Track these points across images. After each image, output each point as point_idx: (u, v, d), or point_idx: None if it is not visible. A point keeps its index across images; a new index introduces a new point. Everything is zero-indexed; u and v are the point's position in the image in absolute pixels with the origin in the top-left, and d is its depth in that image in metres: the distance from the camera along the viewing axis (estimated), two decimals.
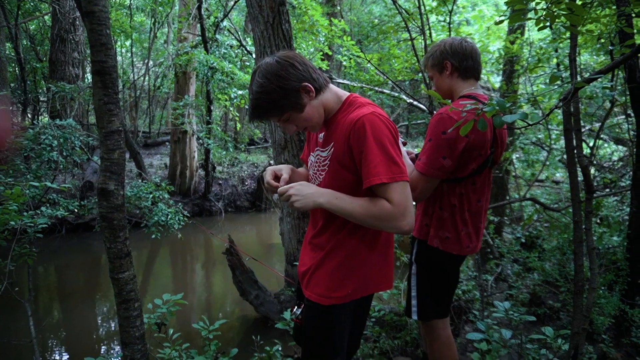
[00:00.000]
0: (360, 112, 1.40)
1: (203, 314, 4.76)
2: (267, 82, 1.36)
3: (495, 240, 4.61)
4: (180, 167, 9.45)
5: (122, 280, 1.58)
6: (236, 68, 7.60)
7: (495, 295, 3.85)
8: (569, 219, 4.09)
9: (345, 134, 1.40)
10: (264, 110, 1.40)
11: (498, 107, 1.48)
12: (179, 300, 2.66)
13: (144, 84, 13.22)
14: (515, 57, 5.19)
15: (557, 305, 3.51)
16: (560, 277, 3.77)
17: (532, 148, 5.80)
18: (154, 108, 14.45)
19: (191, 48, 8.20)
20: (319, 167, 1.53)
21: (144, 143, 12.06)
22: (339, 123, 1.46)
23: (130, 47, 12.78)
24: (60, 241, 7.49)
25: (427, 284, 2.00)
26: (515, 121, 1.68)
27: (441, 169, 1.78)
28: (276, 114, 1.41)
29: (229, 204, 10.09)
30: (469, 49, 1.91)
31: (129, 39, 12.30)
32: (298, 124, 1.46)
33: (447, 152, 1.76)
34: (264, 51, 3.50)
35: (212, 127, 8.78)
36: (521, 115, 1.49)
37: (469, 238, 1.93)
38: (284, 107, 1.40)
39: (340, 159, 1.44)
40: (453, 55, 1.91)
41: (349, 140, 1.39)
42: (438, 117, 1.80)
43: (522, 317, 2.37)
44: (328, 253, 1.51)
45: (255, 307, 4.33)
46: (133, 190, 6.67)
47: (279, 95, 1.37)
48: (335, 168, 1.46)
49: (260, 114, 1.41)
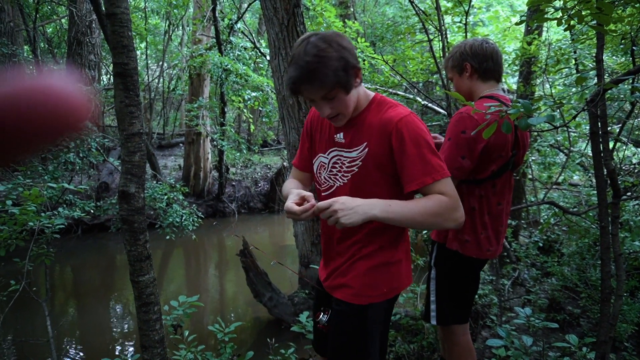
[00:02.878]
0: (399, 112, 1.36)
1: (217, 315, 4.76)
2: (330, 48, 1.24)
3: (512, 244, 4.54)
4: (194, 168, 9.50)
5: (142, 283, 1.58)
6: (250, 70, 7.61)
7: (512, 300, 3.78)
8: (588, 223, 4.01)
9: (385, 134, 1.35)
10: (320, 76, 1.24)
11: (523, 110, 1.45)
12: (195, 302, 2.66)
13: (158, 85, 13.34)
14: (533, 58, 5.11)
15: (577, 311, 3.44)
16: (580, 282, 3.69)
17: (550, 150, 5.71)
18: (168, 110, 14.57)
19: (205, 50, 8.24)
20: (341, 169, 1.46)
21: (159, 144, 12.16)
22: (371, 122, 1.39)
23: (145, 49, 12.91)
24: (76, 241, 7.57)
25: (446, 288, 1.97)
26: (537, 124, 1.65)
27: (460, 169, 1.75)
28: (328, 86, 1.26)
29: (242, 205, 10.12)
30: (489, 50, 1.89)
31: (144, 41, 12.42)
32: (337, 106, 1.33)
33: (466, 152, 1.74)
34: (278, 53, 3.49)
35: (225, 129, 8.81)
36: (548, 118, 1.45)
37: (489, 242, 1.89)
38: (339, 81, 1.26)
39: (377, 160, 1.37)
40: (473, 57, 1.89)
41: (391, 140, 1.33)
42: (458, 116, 1.78)
43: (544, 323, 2.32)
44: (359, 250, 1.46)
45: (268, 309, 4.32)
46: (148, 191, 6.71)
47: (339, 65, 1.25)
48: (369, 170, 1.40)
49: (312, 80, 1.25)
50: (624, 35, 2.66)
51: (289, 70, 1.27)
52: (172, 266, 7.39)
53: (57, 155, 5.76)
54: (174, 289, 6.06)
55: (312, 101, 1.34)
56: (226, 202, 9.79)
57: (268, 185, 10.49)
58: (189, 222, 6.51)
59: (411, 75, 5.91)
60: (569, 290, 3.73)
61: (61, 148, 5.84)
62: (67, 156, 5.86)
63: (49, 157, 5.83)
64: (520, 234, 5.31)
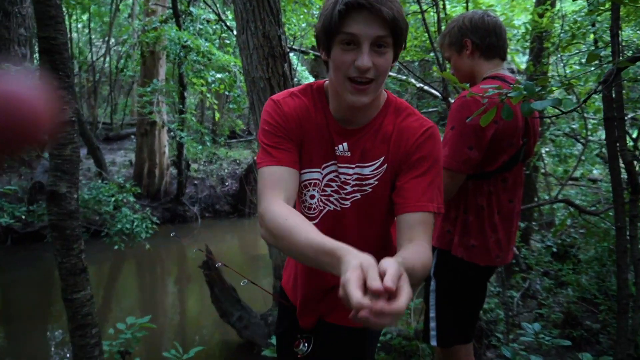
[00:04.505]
0: (423, 122, 1.32)
1: (176, 339, 4.73)
2: (399, 5, 1.18)
3: (521, 250, 4.61)
4: (148, 164, 9.41)
5: (76, 301, 1.56)
6: (214, 47, 7.56)
7: (522, 315, 3.85)
8: (608, 224, 4.09)
9: (405, 146, 1.30)
10: (396, 5, 1.16)
11: (526, 92, 1.47)
12: (146, 323, 2.64)
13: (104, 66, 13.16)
14: (545, 33, 5.18)
15: (596, 326, 3.51)
16: (600, 292, 3.77)
17: (565, 140, 5.81)
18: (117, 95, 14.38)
19: (160, 23, 8.15)
20: (339, 190, 1.38)
21: (105, 136, 12.01)
22: (388, 130, 1.33)
23: (87, 22, 12.71)
24: (5, 253, 7.43)
25: (448, 302, 2.00)
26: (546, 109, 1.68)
27: (467, 162, 1.78)
28: (398, 24, 1.16)
29: (206, 208, 10.06)
30: (492, 24, 1.92)
31: (86, 12, 12.23)
32: (382, 65, 1.20)
33: (473, 142, 1.76)
34: (247, 26, 3.47)
35: (185, 117, 8.74)
36: (553, 102, 1.48)
37: (499, 246, 1.92)
38: (405, 28, 1.20)
39: (392, 177, 1.34)
40: (473, 32, 1.91)
41: (410, 154, 1.30)
42: (461, 100, 1.80)
43: (554, 341, 2.37)
44: None
45: (238, 331, 4.32)
46: (92, 192, 6.63)
47: (405, 23, 1.21)
48: (382, 192, 1.35)
49: (387, 3, 1.14)
50: None
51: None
52: (122, 282, 7.32)
53: None
54: (124, 309, 6.00)
55: (350, 46, 1.18)
56: (187, 205, 9.73)
57: (237, 184, 10.45)
58: (142, 229, 6.45)
59: (404, 53, 5.95)
60: (587, 302, 3.81)
61: None
62: None
63: None
64: (531, 237, 5.39)
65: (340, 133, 1.35)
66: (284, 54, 3.02)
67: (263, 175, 1.27)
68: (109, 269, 7.51)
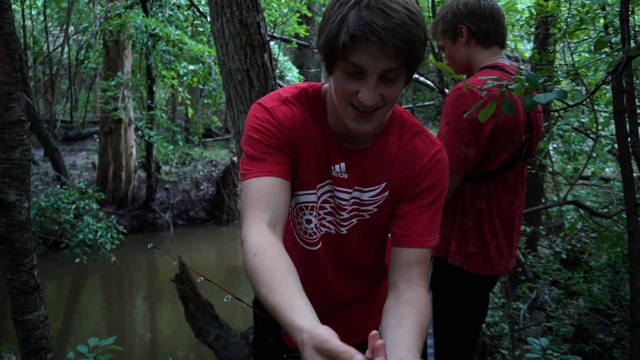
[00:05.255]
0: (432, 144, 1.31)
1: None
2: (419, 15, 1.09)
3: (527, 257, 4.65)
4: (114, 167, 9.36)
5: (28, 323, 1.54)
6: (186, 36, 7.54)
7: (529, 329, 3.88)
8: (622, 228, 4.14)
9: (414, 172, 1.28)
10: (412, 37, 1.07)
11: (528, 84, 1.48)
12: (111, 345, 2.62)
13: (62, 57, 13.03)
14: (551, 18, 5.24)
15: (610, 340, 3.56)
16: (613, 303, 3.82)
17: (574, 136, 5.87)
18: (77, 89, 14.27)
19: (125, 9, 8.11)
20: (337, 213, 1.36)
21: (65, 136, 11.94)
22: (392, 152, 1.31)
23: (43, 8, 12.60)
24: None
25: (447, 318, 2.01)
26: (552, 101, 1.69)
27: (464, 161, 1.80)
28: (412, 56, 1.10)
29: (179, 215, 10.04)
30: (489, 9, 1.94)
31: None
32: (390, 94, 1.15)
33: (471, 138, 1.78)
34: (221, 12, 3.46)
35: (154, 114, 8.70)
36: (559, 94, 1.49)
37: (500, 253, 1.94)
38: (419, 58, 1.12)
39: (394, 204, 1.33)
40: (469, 17, 1.94)
41: (417, 181, 1.28)
42: (457, 93, 1.81)
43: (564, 357, 2.39)
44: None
45: (215, 351, 4.32)
46: (49, 199, 6.58)
47: (424, 40, 1.13)
48: (382, 218, 1.35)
49: (402, 38, 1.05)
50: None
51: (354, 13, 1.06)
52: (84, 299, 7.26)
53: None
54: (87, 329, 5.96)
55: (355, 75, 1.13)
56: (157, 212, 9.69)
57: (213, 188, 10.43)
58: (107, 239, 6.42)
59: None
60: (600, 314, 3.85)
61: None
62: None
63: None
64: (538, 243, 5.44)
65: (339, 151, 1.30)
66: (263, 43, 3.01)
67: (248, 190, 1.18)
68: (70, 284, 7.45)
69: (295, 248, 1.40)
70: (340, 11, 1.08)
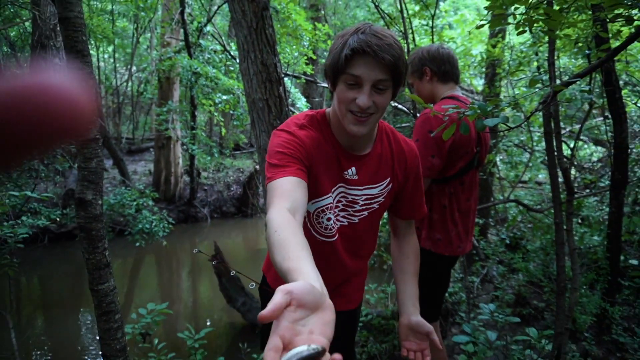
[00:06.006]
0: (409, 141, 1.41)
1: (189, 322, 4.70)
2: (401, 46, 1.15)
3: (480, 242, 4.65)
4: (165, 173, 9.36)
5: (101, 291, 1.55)
6: (220, 73, 7.54)
7: (481, 297, 3.87)
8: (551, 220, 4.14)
9: (405, 165, 1.37)
10: (395, 52, 1.11)
11: (480, 111, 1.49)
12: (164, 309, 2.62)
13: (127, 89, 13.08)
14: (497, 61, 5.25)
15: (541, 305, 3.55)
16: (544, 277, 3.81)
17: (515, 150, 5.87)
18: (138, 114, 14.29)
19: (174, 53, 8.13)
20: (350, 207, 1.34)
21: (128, 149, 11.93)
22: (388, 153, 1.35)
23: (112, 52, 12.64)
24: (42, 251, 7.33)
25: (419, 287, 2.01)
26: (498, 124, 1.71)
27: (431, 168, 1.81)
28: (398, 68, 1.14)
29: (214, 210, 10.01)
30: (445, 54, 1.97)
31: (111, 44, 12.17)
32: (381, 102, 1.17)
33: (435, 151, 1.79)
34: (247, 56, 3.47)
35: (196, 133, 8.70)
36: (503, 119, 1.50)
37: (460, 238, 1.95)
38: (403, 72, 1.16)
39: (394, 194, 1.39)
40: (431, 61, 1.96)
41: (409, 171, 1.38)
42: (424, 117, 1.83)
43: (507, 318, 2.38)
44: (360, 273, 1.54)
45: (242, 315, 4.30)
46: (117, 197, 6.58)
47: (405, 64, 1.17)
48: (385, 205, 1.39)
49: (389, 52, 1.10)
50: (577, 39, 2.77)
51: (354, 37, 1.12)
52: (143, 274, 7.25)
53: None
54: (145, 297, 5.95)
55: (353, 85, 1.15)
56: (198, 207, 9.67)
57: (241, 189, 10.41)
58: (159, 228, 6.41)
59: None
60: (534, 285, 3.85)
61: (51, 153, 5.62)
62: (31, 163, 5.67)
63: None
64: (488, 232, 5.43)
65: (348, 158, 1.29)
66: (279, 79, 3.02)
67: (272, 187, 1.09)
68: (132, 263, 7.44)
69: (314, 243, 1.30)
70: (343, 39, 1.14)
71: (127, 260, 7.38)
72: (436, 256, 1.94)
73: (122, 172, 8.53)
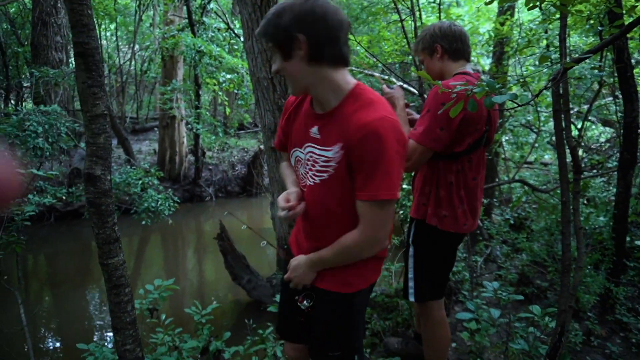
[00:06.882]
0: (371, 115, 1.22)
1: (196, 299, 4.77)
2: (296, 8, 1.22)
3: (484, 222, 4.66)
4: (170, 152, 9.37)
5: (111, 265, 1.57)
6: (224, 51, 7.48)
7: (484, 276, 3.90)
8: (556, 200, 4.14)
9: (357, 139, 1.22)
10: (265, 23, 1.27)
11: (488, 88, 1.48)
12: (171, 285, 2.66)
13: (130, 68, 13.00)
14: (505, 39, 5.17)
15: (545, 284, 3.57)
16: (548, 257, 3.83)
17: (522, 130, 5.83)
18: (142, 93, 14.25)
19: (178, 31, 8.04)
20: (313, 166, 1.36)
21: (132, 129, 11.92)
22: (345, 120, 1.27)
23: (115, 30, 12.51)
24: (49, 229, 7.42)
25: (424, 265, 2.02)
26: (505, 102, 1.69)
27: (437, 140, 1.79)
28: (274, 37, 1.26)
29: (219, 190, 10.05)
30: (457, 32, 1.94)
31: (114, 22, 12.05)
32: (280, 68, 1.29)
33: (444, 124, 1.78)
34: (251, 34, 3.44)
35: (200, 112, 8.68)
36: (511, 96, 1.49)
37: (465, 216, 1.95)
38: (274, 37, 1.26)
39: (350, 166, 1.27)
40: (443, 38, 1.93)
41: (360, 147, 1.22)
42: (438, 89, 1.81)
43: (510, 296, 2.41)
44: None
45: (247, 292, 4.36)
46: (122, 176, 6.61)
47: (288, 24, 1.22)
48: (342, 174, 1.30)
49: (264, 30, 1.27)
50: (589, 16, 2.72)
51: None
52: (149, 251, 7.34)
53: (25, 140, 5.59)
54: (151, 274, 6.03)
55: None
56: (203, 187, 9.71)
57: (245, 169, 10.43)
58: (165, 207, 6.44)
59: (386, 56, 5.91)
60: (538, 265, 3.87)
61: (29, 133, 5.64)
62: (36, 142, 5.68)
63: (16, 142, 5.66)
64: (492, 212, 5.44)
65: (312, 117, 1.36)
66: None
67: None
68: (138, 241, 7.52)
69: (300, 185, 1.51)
70: None
71: (133, 238, 7.46)
72: (442, 233, 1.94)
73: (127, 151, 8.55)
